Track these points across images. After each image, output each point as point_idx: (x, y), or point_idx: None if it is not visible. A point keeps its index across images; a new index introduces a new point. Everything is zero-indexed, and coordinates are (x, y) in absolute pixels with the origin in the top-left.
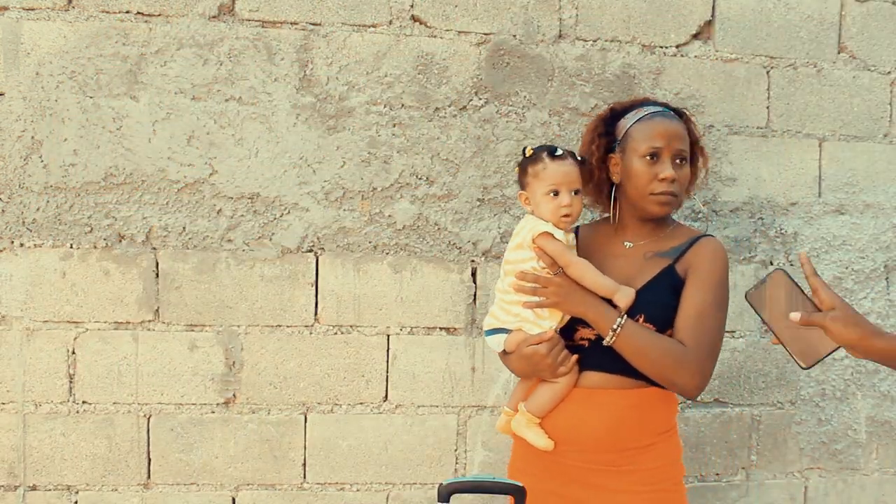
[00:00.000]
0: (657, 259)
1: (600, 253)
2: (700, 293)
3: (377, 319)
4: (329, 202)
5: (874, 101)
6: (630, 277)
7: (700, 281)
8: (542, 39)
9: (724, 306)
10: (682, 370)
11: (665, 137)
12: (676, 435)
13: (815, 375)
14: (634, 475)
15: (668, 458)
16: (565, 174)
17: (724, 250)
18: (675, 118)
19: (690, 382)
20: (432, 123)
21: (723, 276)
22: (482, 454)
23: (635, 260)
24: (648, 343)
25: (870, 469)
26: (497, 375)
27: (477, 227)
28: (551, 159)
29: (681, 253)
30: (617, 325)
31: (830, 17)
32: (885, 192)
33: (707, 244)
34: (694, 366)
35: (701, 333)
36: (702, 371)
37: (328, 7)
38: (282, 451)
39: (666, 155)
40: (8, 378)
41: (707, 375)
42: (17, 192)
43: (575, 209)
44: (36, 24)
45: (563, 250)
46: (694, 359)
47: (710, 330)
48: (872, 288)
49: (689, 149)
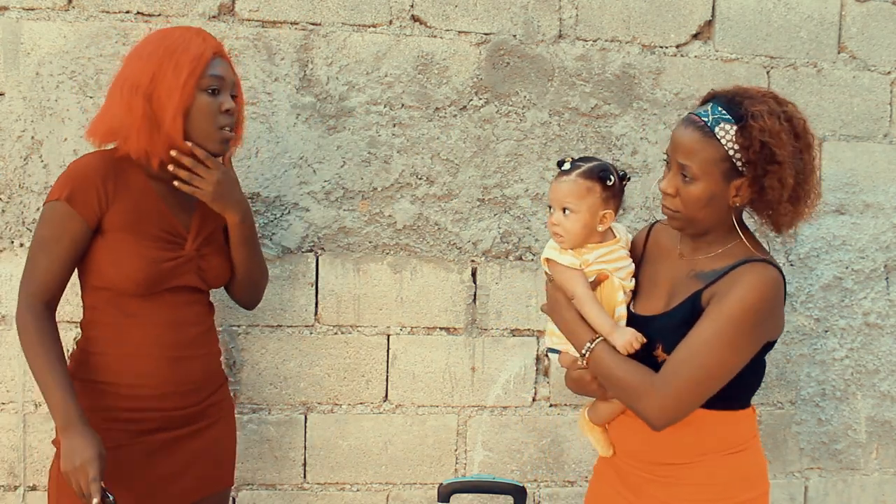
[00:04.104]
0: (694, 280)
1: (660, 255)
2: (706, 326)
3: (377, 319)
4: (329, 202)
5: (874, 101)
6: (667, 294)
7: (715, 312)
8: (542, 39)
9: (735, 347)
10: (642, 404)
11: (671, 146)
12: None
13: (815, 375)
14: (679, 489)
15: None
16: (557, 191)
17: (767, 283)
18: (692, 126)
19: (650, 417)
20: (432, 123)
21: (745, 312)
22: (482, 454)
23: (679, 275)
24: (616, 372)
25: (870, 469)
26: (497, 375)
27: (477, 227)
28: (557, 173)
29: (717, 278)
30: (585, 350)
31: (830, 17)
32: (885, 192)
33: (746, 272)
34: (658, 400)
35: (686, 368)
36: (663, 407)
37: (328, 7)
38: (282, 451)
39: (673, 166)
40: (8, 378)
41: (673, 412)
42: (17, 192)
43: (564, 227)
44: (36, 24)
45: (568, 280)
46: (660, 394)
47: (698, 367)
48: (872, 288)
49: (698, 164)
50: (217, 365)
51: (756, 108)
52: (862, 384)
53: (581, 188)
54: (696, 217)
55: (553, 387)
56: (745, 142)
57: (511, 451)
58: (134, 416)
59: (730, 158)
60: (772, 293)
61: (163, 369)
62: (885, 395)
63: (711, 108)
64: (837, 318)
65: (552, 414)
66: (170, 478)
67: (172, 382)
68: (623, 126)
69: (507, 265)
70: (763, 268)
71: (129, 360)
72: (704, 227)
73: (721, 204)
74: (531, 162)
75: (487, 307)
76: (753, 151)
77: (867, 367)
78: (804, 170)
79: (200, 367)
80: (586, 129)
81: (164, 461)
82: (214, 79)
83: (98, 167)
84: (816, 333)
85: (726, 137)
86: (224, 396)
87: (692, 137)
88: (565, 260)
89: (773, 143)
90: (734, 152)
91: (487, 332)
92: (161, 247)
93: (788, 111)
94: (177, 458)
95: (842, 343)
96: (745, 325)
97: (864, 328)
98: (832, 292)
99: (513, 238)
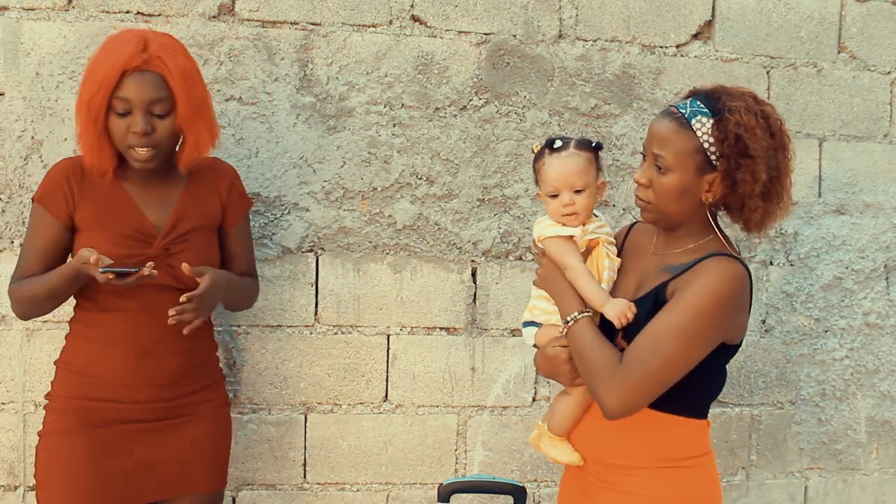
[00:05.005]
0: (662, 273)
1: (636, 251)
2: (667, 316)
3: (377, 319)
4: (329, 202)
5: (874, 101)
6: (635, 286)
7: (676, 303)
8: (542, 39)
9: (695, 338)
10: (602, 386)
11: (648, 136)
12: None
13: (815, 375)
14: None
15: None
16: (562, 173)
17: (730, 276)
18: (669, 117)
19: (607, 402)
20: (432, 123)
21: (705, 304)
22: (482, 454)
23: (650, 269)
24: (589, 348)
25: (870, 469)
26: (497, 375)
27: (477, 227)
28: (550, 154)
29: (683, 270)
30: (570, 319)
31: (830, 17)
32: (885, 192)
33: (709, 265)
34: (615, 387)
35: (644, 357)
36: (622, 396)
37: (328, 7)
38: (282, 451)
39: (648, 157)
40: (8, 378)
41: (630, 402)
42: (17, 192)
43: (579, 206)
44: (36, 24)
45: (562, 252)
46: (620, 381)
47: (657, 357)
48: (872, 288)
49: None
50: (201, 363)
51: (734, 104)
52: (862, 384)
53: (584, 161)
54: (668, 210)
55: (553, 387)
56: (720, 135)
57: (511, 451)
58: (100, 406)
59: (704, 151)
60: (734, 287)
61: (130, 363)
62: (885, 395)
63: (690, 101)
64: (837, 318)
65: None
66: (133, 470)
67: (140, 376)
68: (623, 126)
69: (507, 265)
70: (728, 262)
71: (100, 352)
72: (676, 220)
73: (693, 198)
74: (531, 162)
75: (487, 307)
76: (728, 144)
77: (867, 367)
78: (777, 168)
79: (175, 363)
80: (586, 129)
81: (129, 452)
82: (120, 101)
83: (66, 169)
84: (816, 333)
85: (702, 130)
86: (211, 397)
87: (668, 128)
88: (564, 231)
89: (747, 136)
90: (709, 145)
91: (487, 332)
92: (127, 244)
93: (766, 110)
94: (141, 451)
95: (842, 343)
96: (705, 317)
97: (864, 328)
98: (832, 292)
99: (513, 238)
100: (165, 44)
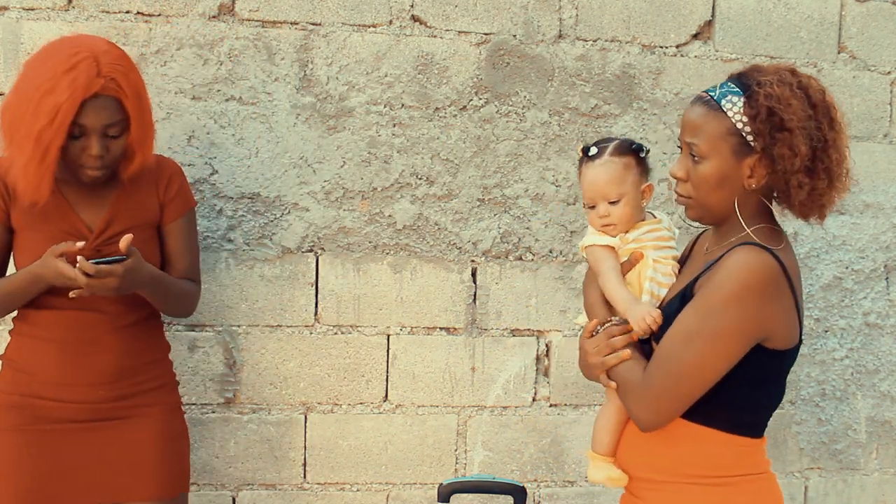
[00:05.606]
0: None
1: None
2: (685, 317)
3: (377, 319)
4: (329, 202)
5: (874, 101)
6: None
7: (698, 301)
8: (542, 39)
9: (713, 339)
10: (630, 399)
11: (681, 128)
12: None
13: (815, 375)
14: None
15: None
16: (595, 181)
17: (748, 267)
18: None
19: (637, 415)
20: (432, 123)
21: (721, 301)
22: (482, 454)
23: (697, 271)
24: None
25: (870, 469)
26: (497, 375)
27: (477, 227)
28: (585, 163)
29: (709, 266)
30: (595, 333)
31: (830, 17)
32: (885, 192)
33: (732, 256)
34: (642, 399)
35: (663, 363)
36: (648, 407)
37: (328, 7)
38: (282, 451)
39: (683, 148)
40: None
41: (658, 413)
42: None
43: (615, 217)
44: (36, 24)
45: (597, 260)
46: (644, 391)
47: (676, 363)
48: (872, 288)
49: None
50: (143, 364)
51: (765, 78)
52: (862, 384)
53: (619, 168)
54: (709, 201)
55: (553, 387)
56: (751, 111)
57: (511, 451)
58: (39, 403)
59: (738, 132)
60: (756, 279)
61: (68, 361)
62: (885, 395)
63: (721, 84)
64: (837, 318)
65: (552, 414)
66: (69, 470)
67: (77, 375)
68: (623, 126)
69: (507, 265)
70: (749, 251)
71: (40, 350)
72: (719, 213)
73: (734, 186)
74: (531, 162)
75: (487, 307)
76: (761, 120)
77: (867, 367)
78: (824, 139)
79: (113, 362)
80: (586, 129)
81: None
82: (76, 126)
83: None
84: (816, 333)
85: (733, 110)
86: (158, 400)
87: (699, 113)
88: (602, 240)
89: (780, 108)
90: (742, 125)
91: (487, 332)
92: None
93: (804, 81)
94: (78, 452)
95: (842, 343)
96: (722, 315)
97: (864, 328)
98: (832, 292)
99: (513, 238)
100: (115, 61)
